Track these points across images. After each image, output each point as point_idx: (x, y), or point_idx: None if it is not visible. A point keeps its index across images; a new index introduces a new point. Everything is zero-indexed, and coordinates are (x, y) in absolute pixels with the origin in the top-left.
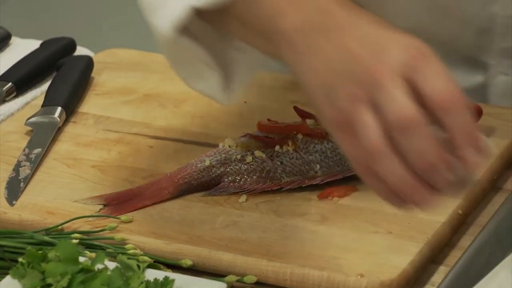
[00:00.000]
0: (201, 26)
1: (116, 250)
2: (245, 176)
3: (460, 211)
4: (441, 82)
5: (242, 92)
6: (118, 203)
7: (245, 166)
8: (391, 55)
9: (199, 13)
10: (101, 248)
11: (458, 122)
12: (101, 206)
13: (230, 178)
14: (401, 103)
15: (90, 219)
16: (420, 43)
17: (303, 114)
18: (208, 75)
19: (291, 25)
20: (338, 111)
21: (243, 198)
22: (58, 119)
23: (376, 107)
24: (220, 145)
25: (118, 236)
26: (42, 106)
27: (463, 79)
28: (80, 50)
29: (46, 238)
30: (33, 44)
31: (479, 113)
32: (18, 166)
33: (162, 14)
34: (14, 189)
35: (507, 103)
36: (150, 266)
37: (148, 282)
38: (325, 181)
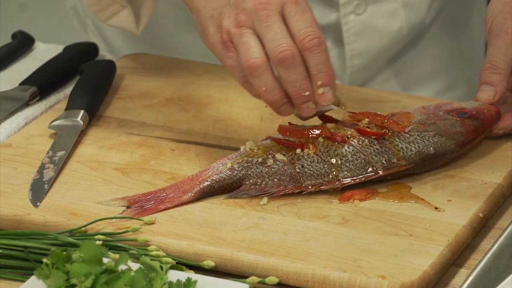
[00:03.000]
0: None
1: (139, 251)
2: (266, 179)
3: (481, 214)
4: (305, 24)
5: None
6: (141, 205)
7: (266, 169)
8: None
9: None
10: (124, 249)
11: (315, 60)
12: (124, 208)
13: (251, 181)
14: (281, 40)
15: (113, 220)
16: None
17: (324, 118)
18: (121, 13)
19: None
20: (223, 31)
21: (264, 200)
22: (81, 122)
23: (258, 36)
24: (242, 148)
25: (141, 237)
26: (66, 109)
27: (318, 16)
28: (102, 55)
29: (70, 239)
30: (56, 49)
31: (497, 114)
32: (42, 168)
33: None
34: (39, 191)
35: (360, 42)
36: (172, 267)
37: (170, 283)
38: (346, 184)
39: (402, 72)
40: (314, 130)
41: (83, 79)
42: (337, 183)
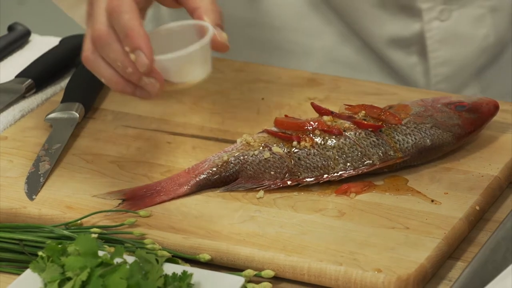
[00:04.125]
0: None
1: (135, 244)
2: (263, 172)
3: (477, 207)
4: None
5: None
6: (137, 198)
7: (263, 162)
8: None
9: None
10: (120, 242)
11: (118, 25)
12: (120, 201)
13: (248, 174)
14: (95, 21)
15: (109, 213)
16: None
17: (320, 110)
18: (83, 5)
19: None
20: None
21: (260, 193)
22: (77, 115)
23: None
24: (238, 141)
25: (136, 230)
26: (62, 102)
27: (402, 28)
28: None
29: (66, 232)
30: (52, 41)
31: (495, 108)
32: (38, 161)
33: None
34: (34, 184)
35: (445, 50)
36: (168, 260)
37: (166, 276)
38: (343, 177)
39: (490, 85)
40: (310, 123)
41: (79, 72)
42: (333, 175)
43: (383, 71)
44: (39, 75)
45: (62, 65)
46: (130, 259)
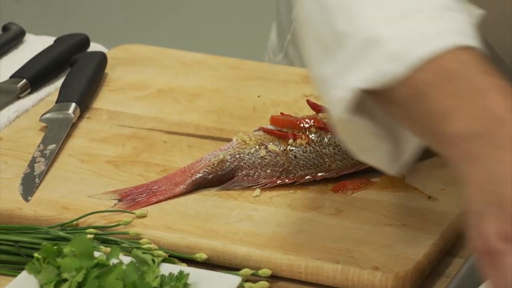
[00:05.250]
0: (373, 103)
1: (131, 244)
2: (259, 170)
3: None
4: None
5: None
6: (133, 198)
7: (259, 160)
8: None
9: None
10: (116, 242)
11: None
12: (116, 201)
13: (244, 172)
14: None
15: (105, 214)
16: None
17: (316, 108)
18: (377, 147)
19: (457, 131)
20: (482, 239)
21: (257, 192)
22: (73, 115)
23: None
24: (234, 139)
25: (133, 230)
26: (57, 102)
27: None
28: (94, 46)
29: (61, 233)
30: (47, 41)
31: None
32: (33, 162)
33: (331, 94)
34: (29, 185)
35: None
36: (165, 260)
37: (163, 276)
38: (339, 174)
39: None
40: (306, 120)
41: (74, 71)
42: (330, 173)
43: None
44: (34, 75)
45: (57, 65)
46: (126, 259)
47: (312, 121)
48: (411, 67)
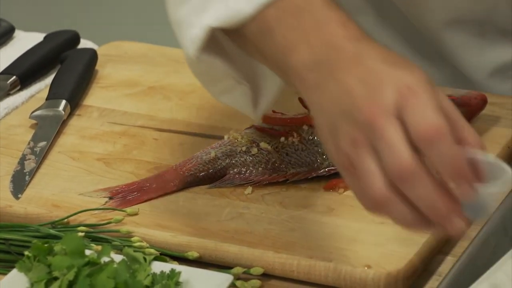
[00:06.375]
0: (228, 41)
1: (122, 242)
2: (251, 168)
3: None
4: (423, 116)
5: (271, 105)
6: (124, 195)
7: (251, 158)
8: (384, 95)
9: (224, 31)
10: (107, 241)
11: (441, 156)
12: (107, 199)
13: (235, 170)
14: (398, 153)
15: (95, 212)
16: (414, 76)
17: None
18: (236, 90)
19: (301, 61)
20: (341, 154)
21: (248, 190)
22: (63, 112)
23: (377, 151)
24: (226, 137)
25: (124, 228)
26: (47, 99)
27: (500, 53)
28: (84, 43)
29: (52, 231)
30: (37, 37)
31: (483, 102)
32: (23, 159)
33: (185, 35)
34: (20, 183)
35: None
36: (156, 258)
37: (154, 274)
38: (331, 172)
39: None
40: (298, 118)
41: (64, 68)
42: (322, 171)
43: None
44: (23, 72)
45: (47, 61)
46: (117, 257)
47: (303, 119)
48: (261, 5)
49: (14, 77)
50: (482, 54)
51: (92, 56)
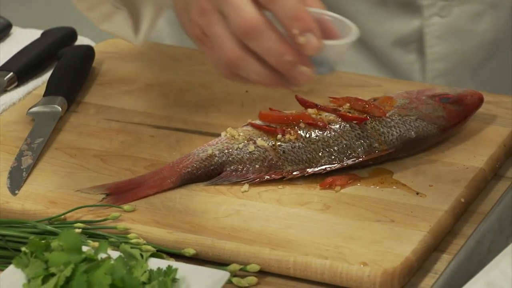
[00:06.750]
0: None
1: (119, 239)
2: (247, 165)
3: (462, 199)
4: None
5: (151, 32)
6: (121, 192)
7: (247, 155)
8: None
9: None
10: (104, 237)
11: (285, 9)
12: (104, 196)
13: (232, 167)
14: (242, 11)
15: (92, 208)
16: None
17: (305, 103)
18: (115, 16)
19: None
20: (194, 25)
21: (245, 187)
22: (60, 109)
23: (225, 17)
24: (222, 134)
25: (121, 225)
26: (44, 95)
27: (401, 24)
28: (81, 40)
29: (49, 227)
30: (34, 34)
31: (480, 100)
32: (20, 155)
33: None
34: (17, 179)
35: (443, 45)
36: (153, 255)
37: (151, 271)
38: (328, 170)
39: (487, 81)
40: (295, 116)
41: (62, 65)
42: (318, 169)
43: (381, 69)
44: (21, 69)
45: (44, 58)
46: (114, 254)
47: (300, 116)
48: None
49: (11, 73)
50: (383, 24)
51: (89, 53)
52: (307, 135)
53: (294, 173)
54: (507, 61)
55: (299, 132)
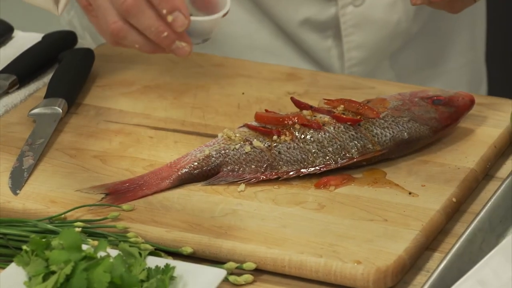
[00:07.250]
0: None
1: (118, 238)
2: (244, 166)
3: (454, 199)
4: None
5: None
6: (120, 192)
7: (244, 156)
8: None
9: None
10: (104, 236)
11: None
12: (103, 195)
13: (229, 168)
14: None
15: (92, 208)
16: None
17: (300, 105)
18: None
19: None
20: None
21: (241, 187)
22: (60, 110)
23: None
24: (219, 135)
25: (120, 224)
26: (45, 97)
27: (318, 12)
28: (81, 43)
29: (50, 226)
30: (35, 37)
31: (471, 102)
32: (21, 156)
33: None
34: (18, 179)
35: (358, 34)
36: (151, 253)
37: (149, 269)
38: (322, 170)
39: (406, 71)
40: (290, 117)
41: (62, 67)
42: (313, 169)
43: (299, 55)
44: (22, 71)
45: (45, 61)
46: (113, 252)
47: (296, 118)
48: None
49: (13, 76)
50: (300, 9)
51: (89, 55)
52: (302, 136)
53: (290, 173)
54: (424, 50)
55: (294, 133)
